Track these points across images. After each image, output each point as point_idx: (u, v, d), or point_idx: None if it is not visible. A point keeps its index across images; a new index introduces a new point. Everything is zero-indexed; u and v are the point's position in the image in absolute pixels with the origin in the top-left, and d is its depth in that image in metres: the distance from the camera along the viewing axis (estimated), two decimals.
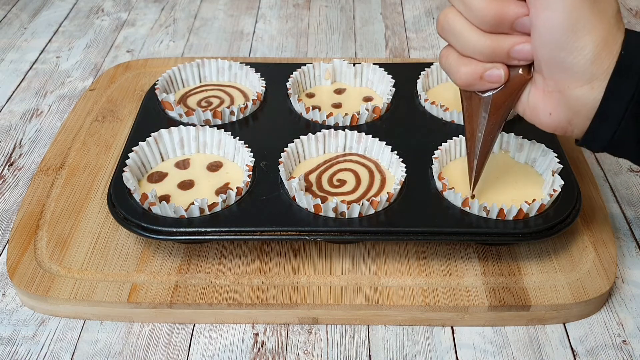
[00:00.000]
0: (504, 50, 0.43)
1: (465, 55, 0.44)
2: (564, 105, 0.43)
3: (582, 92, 0.41)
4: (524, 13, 0.41)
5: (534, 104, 0.45)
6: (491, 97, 0.45)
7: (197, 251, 0.56)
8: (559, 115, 0.43)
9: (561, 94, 0.42)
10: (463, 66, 0.44)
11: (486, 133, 0.48)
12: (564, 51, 0.40)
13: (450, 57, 0.45)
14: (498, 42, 0.42)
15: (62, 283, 0.53)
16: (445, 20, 0.44)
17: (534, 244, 0.56)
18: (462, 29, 0.43)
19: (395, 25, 0.96)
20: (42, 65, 0.86)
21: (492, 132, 0.48)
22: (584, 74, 0.41)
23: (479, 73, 0.44)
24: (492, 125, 0.47)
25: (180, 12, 1.00)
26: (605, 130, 0.42)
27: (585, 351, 0.50)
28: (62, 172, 0.64)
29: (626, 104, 0.41)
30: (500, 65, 0.44)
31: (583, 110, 0.42)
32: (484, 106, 0.46)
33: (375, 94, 0.69)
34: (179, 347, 0.51)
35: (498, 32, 0.42)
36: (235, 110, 0.64)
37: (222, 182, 0.57)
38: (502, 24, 0.42)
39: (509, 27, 0.42)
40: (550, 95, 0.43)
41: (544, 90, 0.44)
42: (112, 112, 0.72)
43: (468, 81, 0.45)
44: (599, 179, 0.66)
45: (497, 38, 0.42)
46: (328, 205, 0.52)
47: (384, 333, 0.52)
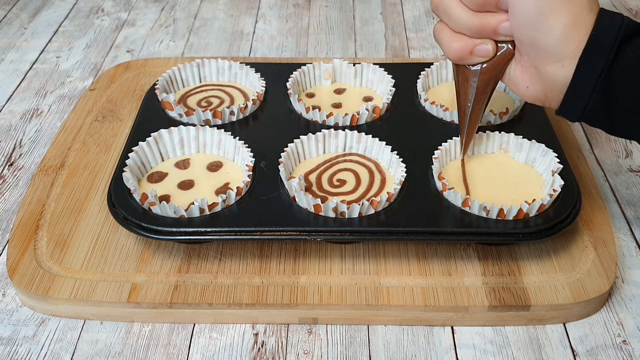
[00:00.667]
0: (491, 27, 0.47)
1: (457, 32, 0.48)
2: (539, 80, 0.47)
3: (553, 69, 0.45)
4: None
5: (514, 77, 0.49)
6: (479, 70, 0.50)
7: (197, 251, 0.56)
8: (535, 89, 0.48)
9: (536, 69, 0.46)
10: (455, 42, 0.48)
11: (475, 102, 0.52)
12: (535, 31, 0.44)
13: (442, 32, 0.49)
14: (486, 19, 0.47)
15: (62, 283, 0.53)
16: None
17: (534, 244, 0.56)
18: (453, 8, 0.47)
19: (395, 25, 0.96)
20: (42, 65, 0.86)
21: (480, 102, 0.52)
22: (554, 53, 0.44)
23: (469, 48, 0.48)
24: (480, 95, 0.52)
25: (180, 12, 1.00)
26: (577, 104, 0.46)
27: (585, 351, 0.50)
28: (62, 172, 0.64)
29: (594, 80, 0.44)
30: (488, 41, 0.48)
31: (555, 85, 0.46)
32: (472, 78, 0.51)
33: (375, 94, 0.69)
34: (179, 347, 0.51)
35: (485, 11, 0.46)
36: (235, 110, 0.64)
37: (222, 182, 0.57)
38: (488, 3, 0.46)
39: (494, 5, 0.46)
40: (527, 70, 0.47)
41: (521, 65, 0.48)
42: (112, 112, 0.72)
43: (459, 55, 0.49)
44: (599, 179, 0.66)
45: (485, 16, 0.46)
46: (328, 205, 0.52)
47: (384, 333, 0.52)
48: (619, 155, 0.70)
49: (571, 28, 0.43)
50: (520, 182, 0.56)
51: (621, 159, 0.69)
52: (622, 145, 0.71)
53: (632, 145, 0.71)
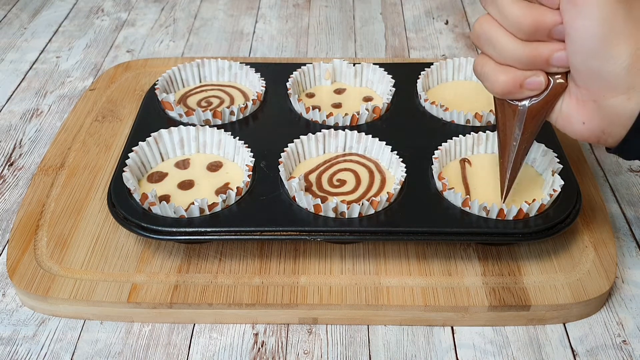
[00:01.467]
0: (543, 58, 0.42)
1: (503, 64, 0.43)
2: (598, 115, 0.42)
3: (617, 102, 0.40)
4: (561, 21, 0.40)
5: (567, 113, 0.44)
6: (527, 107, 0.45)
7: (197, 251, 0.56)
8: (593, 125, 0.43)
9: (595, 103, 0.42)
10: (502, 74, 0.43)
11: (520, 142, 0.47)
12: (598, 60, 0.39)
13: (486, 65, 0.44)
14: (537, 49, 0.42)
15: (62, 283, 0.53)
16: (481, 29, 0.43)
17: (534, 244, 0.56)
18: (499, 37, 0.42)
19: (395, 25, 0.96)
20: (42, 65, 0.86)
21: (526, 142, 0.47)
22: (620, 84, 0.40)
23: (519, 81, 0.43)
24: (527, 134, 0.46)
25: (180, 12, 1.00)
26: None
27: (585, 351, 0.50)
28: (62, 172, 0.64)
29: None
30: (540, 73, 0.43)
31: (618, 120, 0.41)
32: (519, 116, 0.45)
33: (375, 94, 0.69)
34: (179, 347, 0.51)
35: (535, 40, 0.42)
36: (235, 110, 0.64)
37: (222, 182, 0.57)
38: (539, 32, 0.41)
39: (546, 34, 0.41)
40: (584, 105, 0.42)
41: (577, 99, 0.43)
42: (112, 112, 0.72)
43: (507, 89, 0.44)
44: (599, 179, 0.66)
45: (536, 45, 0.42)
46: (328, 205, 0.52)
47: (384, 333, 0.52)
48: None
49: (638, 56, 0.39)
50: (520, 182, 0.56)
51: (621, 159, 0.69)
52: None
53: None
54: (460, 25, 0.96)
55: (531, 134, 0.46)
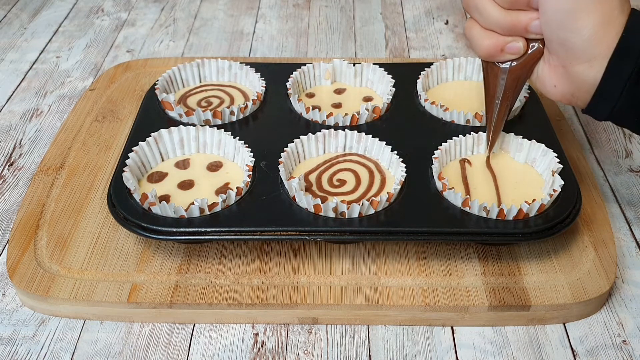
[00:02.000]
0: (522, 25, 0.47)
1: (488, 29, 0.48)
2: (567, 80, 0.47)
3: (581, 70, 0.45)
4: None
5: (542, 76, 0.49)
6: (508, 68, 0.50)
7: (197, 251, 0.56)
8: (563, 88, 0.48)
9: (564, 69, 0.46)
10: (486, 39, 0.49)
11: (503, 99, 0.53)
12: (564, 30, 0.44)
13: (473, 29, 0.49)
14: (518, 17, 0.47)
15: (62, 283, 0.53)
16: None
17: (534, 244, 0.56)
18: (485, 5, 0.47)
19: (395, 25, 0.96)
20: (42, 65, 0.86)
21: (508, 99, 0.53)
22: (583, 53, 0.44)
23: (500, 45, 0.48)
24: (508, 92, 0.52)
25: (180, 12, 1.00)
26: (605, 105, 0.46)
27: (585, 351, 0.50)
28: (62, 172, 0.64)
29: (624, 82, 0.44)
30: (519, 39, 0.48)
31: (583, 85, 0.46)
32: (502, 75, 0.51)
33: (375, 94, 0.69)
34: (179, 347, 0.51)
35: (517, 9, 0.46)
36: (235, 110, 0.64)
37: (222, 182, 0.57)
38: (520, 1, 0.46)
39: (525, 4, 0.46)
40: (555, 69, 0.47)
41: (550, 64, 0.48)
42: (112, 112, 0.72)
43: (490, 52, 0.49)
44: (599, 179, 0.66)
45: (516, 14, 0.47)
46: (328, 205, 0.52)
47: (384, 333, 0.52)
48: (619, 155, 0.70)
49: (601, 28, 0.43)
50: (520, 182, 0.56)
51: (621, 159, 0.69)
52: (622, 145, 0.71)
53: (632, 145, 0.71)
54: (460, 25, 0.96)
55: (512, 93, 0.52)
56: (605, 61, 0.44)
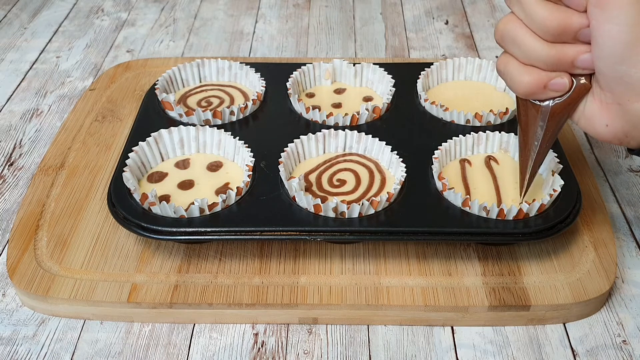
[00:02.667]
0: (568, 60, 0.42)
1: (527, 64, 0.43)
2: (622, 118, 0.42)
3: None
4: (587, 24, 0.40)
5: (590, 114, 0.44)
6: (549, 107, 0.45)
7: (197, 251, 0.56)
8: (616, 127, 0.42)
9: (619, 106, 0.41)
10: (526, 75, 0.43)
11: (542, 142, 0.47)
12: (624, 64, 0.39)
13: (509, 65, 0.44)
14: (562, 51, 0.42)
15: (62, 283, 0.53)
16: (505, 29, 0.43)
17: (534, 244, 0.56)
18: (524, 38, 0.42)
19: (395, 25, 0.96)
20: (42, 65, 0.86)
21: (548, 141, 0.47)
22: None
23: (543, 82, 0.43)
24: (548, 134, 0.47)
25: (180, 12, 1.00)
26: None
27: (585, 351, 0.50)
28: (62, 172, 0.64)
29: None
30: (564, 74, 0.43)
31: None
32: (542, 115, 0.45)
33: (375, 94, 0.69)
34: (179, 347, 0.51)
35: (560, 42, 0.41)
36: (235, 110, 0.64)
37: (222, 182, 0.57)
38: (565, 34, 0.41)
39: (571, 37, 0.41)
40: (608, 107, 0.42)
41: (601, 101, 0.43)
42: (112, 112, 0.72)
43: (531, 90, 0.44)
44: (599, 179, 0.66)
45: (561, 47, 0.41)
46: (328, 205, 0.52)
47: (384, 333, 0.52)
48: (619, 155, 0.70)
49: None
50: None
51: (621, 159, 0.69)
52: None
53: None
54: (460, 25, 0.96)
55: (553, 134, 0.47)
56: None
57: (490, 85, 0.69)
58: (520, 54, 0.43)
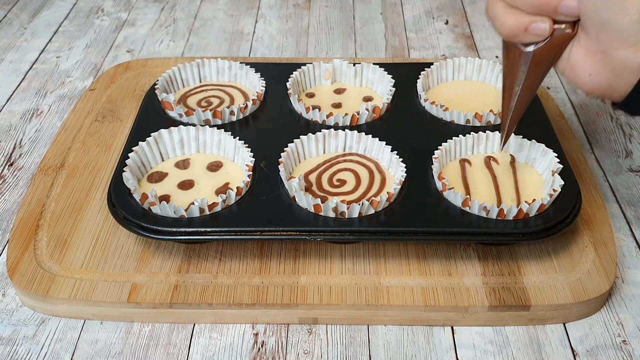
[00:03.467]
0: (552, 5, 0.42)
1: (512, 6, 0.44)
2: (606, 67, 0.42)
3: (625, 54, 0.40)
4: None
5: (574, 63, 0.44)
6: (532, 52, 0.45)
7: (197, 251, 0.56)
8: (599, 77, 0.43)
9: (604, 54, 0.41)
10: (509, 17, 0.44)
11: (524, 88, 0.47)
12: (609, 10, 0.39)
13: (496, 6, 0.44)
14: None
15: (62, 283, 0.53)
16: None
17: (534, 244, 0.56)
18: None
19: (395, 25, 0.96)
20: (42, 65, 0.86)
21: (529, 88, 0.47)
22: (629, 36, 0.40)
23: (525, 25, 0.43)
24: (530, 80, 0.47)
25: (180, 12, 1.00)
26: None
27: (585, 351, 0.50)
28: (62, 172, 0.64)
29: None
30: (546, 19, 0.43)
31: (625, 73, 0.41)
32: (524, 60, 0.46)
33: (375, 94, 0.69)
34: (179, 347, 0.51)
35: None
36: (235, 110, 0.64)
37: (222, 182, 0.57)
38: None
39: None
40: (593, 55, 0.42)
41: (586, 48, 0.43)
42: (112, 112, 0.72)
43: (512, 32, 0.44)
44: (599, 179, 0.66)
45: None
46: (328, 205, 0.52)
47: (384, 333, 0.52)
48: (619, 155, 0.70)
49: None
50: (520, 182, 0.56)
51: (621, 159, 0.69)
52: (622, 145, 0.71)
53: (632, 145, 0.71)
54: (460, 25, 0.96)
55: (535, 80, 0.47)
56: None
57: (490, 85, 0.69)
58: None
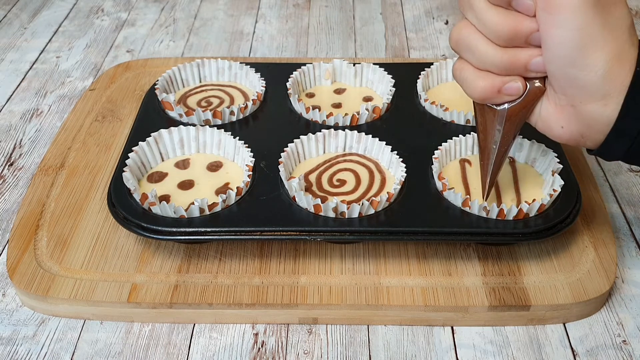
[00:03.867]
0: (521, 64, 0.42)
1: (482, 69, 0.44)
2: (576, 120, 0.42)
3: (594, 108, 0.41)
4: (537, 28, 0.40)
5: (546, 117, 0.44)
6: (506, 110, 0.45)
7: (197, 251, 0.56)
8: (571, 129, 0.43)
9: (573, 108, 0.42)
10: (480, 80, 0.44)
11: (500, 145, 0.48)
12: (574, 68, 0.40)
13: (464, 70, 0.44)
14: (516, 55, 0.42)
15: (62, 283, 0.53)
16: (459, 35, 0.43)
17: (534, 244, 0.56)
18: (477, 44, 0.42)
19: (395, 25, 0.96)
20: (42, 65, 0.86)
21: (506, 144, 0.48)
22: (596, 91, 0.40)
23: (497, 87, 0.43)
24: (506, 137, 0.47)
25: (180, 12, 1.00)
26: (620, 145, 0.42)
27: (585, 351, 0.50)
28: (62, 172, 0.64)
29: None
30: (518, 78, 0.43)
31: (596, 125, 0.42)
32: (498, 119, 0.46)
33: (375, 94, 0.69)
34: (179, 347, 0.51)
35: (513, 46, 0.42)
36: (235, 110, 0.64)
37: (222, 182, 0.57)
38: (517, 39, 0.41)
39: (523, 41, 0.41)
40: (563, 109, 0.43)
41: (555, 103, 0.43)
42: (112, 112, 0.72)
43: (486, 95, 0.44)
44: (599, 179, 0.66)
45: (514, 51, 0.42)
46: (328, 205, 0.52)
47: (384, 333, 0.52)
48: None
49: (615, 64, 0.39)
50: (520, 182, 0.56)
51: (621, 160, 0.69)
52: None
53: None
54: None
55: (510, 136, 0.47)
56: (620, 98, 0.40)
57: None
58: (475, 59, 0.43)
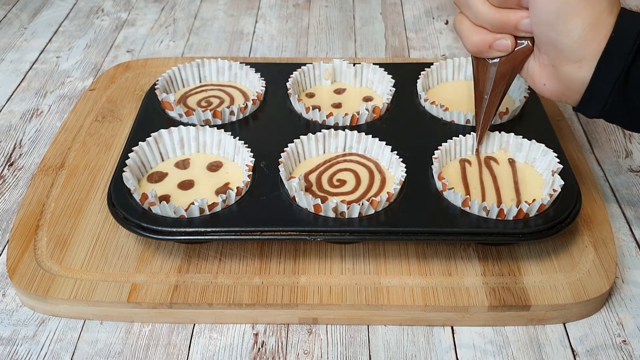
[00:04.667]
0: (512, 24, 0.48)
1: (477, 25, 0.50)
2: (556, 79, 0.48)
3: (571, 70, 0.46)
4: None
5: (532, 73, 0.50)
6: (497, 64, 0.52)
7: (197, 251, 0.56)
8: (552, 87, 0.49)
9: (554, 68, 0.47)
10: (475, 34, 0.50)
11: (492, 95, 0.54)
12: (554, 32, 0.45)
13: (463, 24, 0.51)
14: (507, 15, 0.48)
15: (62, 283, 0.53)
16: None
17: (534, 244, 0.56)
18: (476, 2, 0.48)
19: (395, 25, 0.96)
20: (42, 65, 0.86)
21: (496, 93, 0.54)
22: (572, 54, 0.45)
23: (489, 42, 0.50)
24: (497, 86, 0.53)
25: (180, 12, 1.00)
26: (595, 104, 0.47)
27: (585, 351, 0.50)
28: (62, 172, 0.64)
29: (613, 83, 0.45)
30: (508, 36, 0.49)
31: (573, 85, 0.47)
32: (490, 70, 0.52)
33: (375, 94, 0.69)
34: (179, 347, 0.51)
35: (506, 7, 0.47)
36: (235, 110, 0.64)
37: (222, 182, 0.57)
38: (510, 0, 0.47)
39: (516, 2, 0.47)
40: (545, 68, 0.48)
41: (540, 62, 0.49)
42: (112, 112, 0.72)
43: (478, 48, 0.50)
44: (599, 179, 0.66)
45: (506, 12, 0.48)
46: (328, 205, 0.52)
47: (384, 333, 0.52)
48: (619, 155, 0.70)
49: (590, 30, 0.44)
50: (520, 182, 0.56)
51: (621, 159, 0.69)
52: (622, 145, 0.71)
53: (632, 145, 0.71)
54: None
55: (501, 88, 0.53)
56: (594, 62, 0.44)
57: None
58: (472, 15, 0.49)
